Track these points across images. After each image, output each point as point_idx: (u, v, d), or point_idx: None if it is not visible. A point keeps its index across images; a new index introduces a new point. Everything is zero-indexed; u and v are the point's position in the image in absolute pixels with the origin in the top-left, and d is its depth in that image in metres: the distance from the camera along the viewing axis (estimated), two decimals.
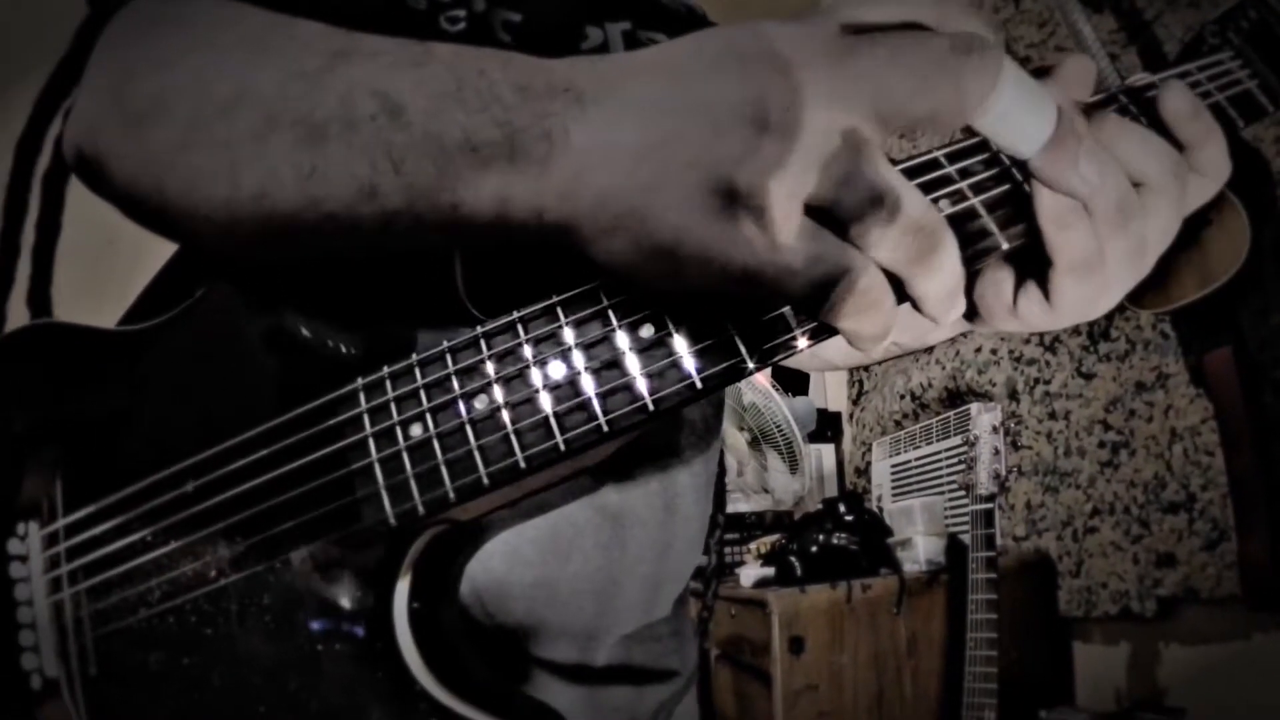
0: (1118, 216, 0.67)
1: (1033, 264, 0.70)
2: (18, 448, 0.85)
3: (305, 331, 0.79)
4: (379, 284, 0.83)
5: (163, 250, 1.00)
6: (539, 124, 0.63)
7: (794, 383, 4.91)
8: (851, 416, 5.16)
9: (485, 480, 0.69)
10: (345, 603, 0.74)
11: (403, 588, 0.74)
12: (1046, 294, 0.71)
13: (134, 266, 1.06)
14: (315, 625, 0.74)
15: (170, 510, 0.77)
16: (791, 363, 0.67)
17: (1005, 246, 0.67)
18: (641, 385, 0.67)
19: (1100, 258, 0.68)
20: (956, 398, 4.04)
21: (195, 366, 0.82)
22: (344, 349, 0.78)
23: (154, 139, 0.76)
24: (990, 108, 0.60)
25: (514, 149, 0.63)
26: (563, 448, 0.68)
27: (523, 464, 0.68)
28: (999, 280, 0.73)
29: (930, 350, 4.22)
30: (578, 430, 0.68)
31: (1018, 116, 0.62)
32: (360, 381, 0.75)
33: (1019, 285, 0.73)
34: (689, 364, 0.66)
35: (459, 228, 0.66)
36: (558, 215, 0.62)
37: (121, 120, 0.79)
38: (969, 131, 0.68)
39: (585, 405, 0.68)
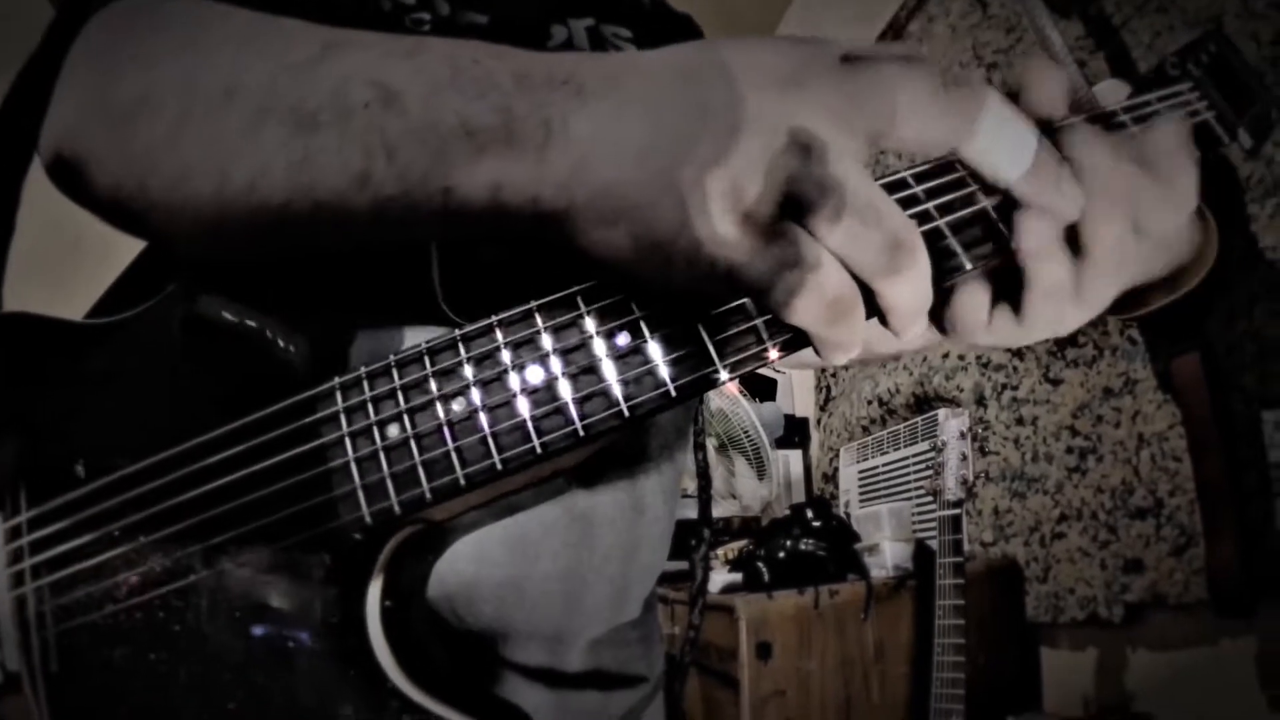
0: (1119, 253, 0.70)
1: (1005, 282, 0.72)
2: None
3: (269, 334, 0.79)
4: (353, 285, 0.83)
5: (129, 252, 1.00)
6: (538, 112, 0.64)
7: (761, 389, 4.93)
8: (819, 422, 5.17)
9: (462, 481, 0.69)
10: (318, 600, 0.74)
11: (375, 586, 0.75)
12: (1018, 312, 0.73)
13: (100, 268, 1.06)
14: (286, 623, 0.74)
15: (139, 505, 0.77)
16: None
17: (969, 268, 0.69)
18: (617, 391, 0.68)
19: (1071, 285, 0.71)
20: (924, 403, 4.05)
21: (164, 361, 0.82)
22: (305, 354, 0.78)
23: (140, 138, 0.76)
24: (975, 134, 0.64)
25: (511, 135, 0.64)
26: (539, 450, 0.68)
27: (499, 466, 0.69)
28: (976, 296, 0.74)
29: (897, 358, 4.23)
30: (554, 434, 0.68)
31: (1001, 145, 0.65)
32: (337, 380, 0.75)
33: (995, 302, 0.75)
34: (663, 372, 0.67)
35: (451, 215, 0.67)
36: (553, 203, 0.63)
37: (105, 121, 0.79)
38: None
39: (562, 410, 0.69)
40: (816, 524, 3.40)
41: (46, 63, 0.86)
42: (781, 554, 3.29)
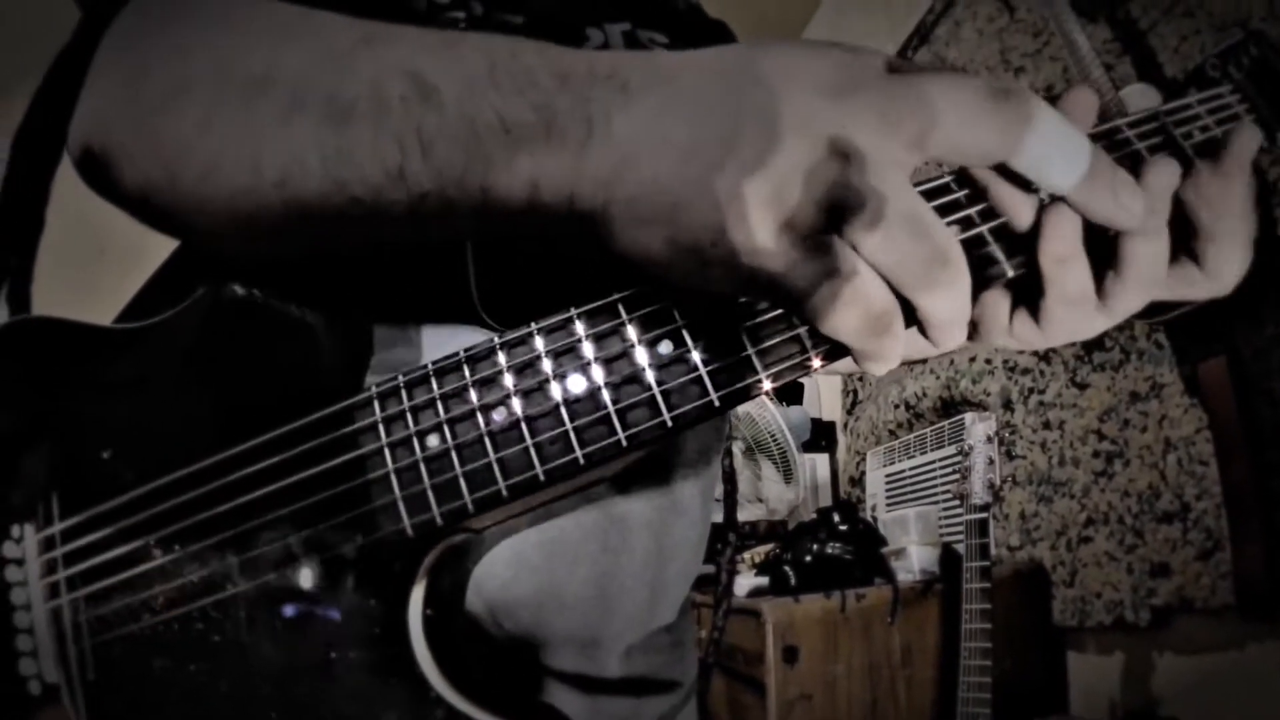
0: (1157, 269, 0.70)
1: (1027, 286, 0.71)
2: (10, 447, 0.84)
3: (303, 337, 0.79)
4: (389, 287, 0.83)
5: (155, 260, 1.00)
6: (580, 108, 0.63)
7: (788, 392, 4.92)
8: (846, 426, 5.15)
9: (505, 492, 0.69)
10: (359, 611, 0.74)
11: (417, 596, 0.75)
12: (1037, 319, 0.73)
13: (125, 276, 1.06)
14: (328, 633, 0.74)
15: (174, 517, 0.77)
16: None
17: (1010, 274, 0.68)
18: (661, 401, 0.67)
19: (1090, 291, 0.71)
20: (951, 407, 4.04)
21: (196, 366, 0.82)
22: (339, 357, 0.78)
23: (171, 128, 0.75)
24: (1028, 148, 0.62)
25: (550, 131, 0.63)
26: (582, 461, 0.68)
27: (542, 477, 0.69)
28: (997, 301, 0.74)
29: (924, 360, 4.22)
30: (597, 444, 0.68)
31: (1053, 155, 0.63)
32: (374, 389, 0.75)
33: (1015, 307, 0.74)
34: (707, 381, 0.67)
35: (489, 212, 0.66)
36: (591, 201, 0.63)
37: (136, 113, 0.78)
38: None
39: (605, 419, 0.68)
40: (843, 528, 3.39)
41: (78, 56, 0.85)
42: (808, 558, 3.28)
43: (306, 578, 0.74)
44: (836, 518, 3.46)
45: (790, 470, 4.37)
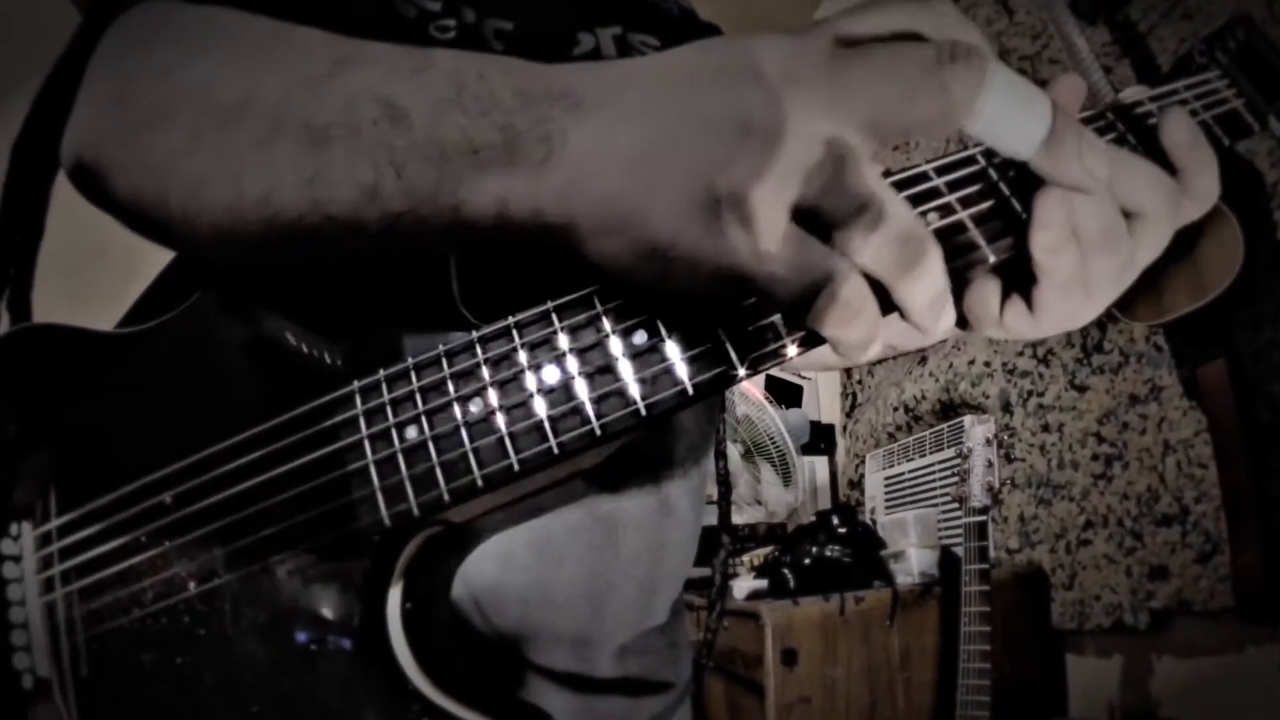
0: (1109, 242, 0.67)
1: (1017, 275, 0.71)
2: (11, 448, 0.85)
3: (293, 340, 0.79)
4: (374, 289, 0.83)
5: (156, 261, 1.00)
6: (538, 128, 0.64)
7: (787, 395, 4.92)
8: (845, 429, 5.15)
9: (479, 482, 0.69)
10: (339, 603, 0.74)
11: (396, 589, 0.75)
12: (1030, 307, 0.72)
13: (127, 277, 1.06)
14: (309, 625, 0.74)
15: (164, 511, 0.77)
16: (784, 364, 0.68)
17: (992, 260, 0.67)
18: (634, 390, 0.67)
19: (1084, 278, 0.69)
20: (950, 410, 4.04)
21: (190, 369, 0.82)
22: (329, 359, 0.78)
23: (158, 146, 0.76)
24: (979, 113, 0.60)
25: (513, 151, 0.64)
26: (555, 451, 0.68)
27: (516, 466, 0.68)
28: (986, 291, 0.73)
29: (924, 362, 4.22)
30: (571, 434, 0.68)
31: (1009, 118, 0.61)
32: (356, 384, 0.75)
33: (1005, 296, 0.73)
34: (681, 370, 0.67)
35: (461, 229, 0.67)
36: (555, 216, 0.63)
37: (124, 130, 0.79)
38: (961, 144, 0.68)
39: (578, 409, 0.68)
40: (842, 530, 3.40)
41: (74, 64, 0.86)
42: (807, 560, 3.29)
43: (288, 570, 0.74)
44: (835, 520, 3.47)
45: (789, 473, 4.37)
